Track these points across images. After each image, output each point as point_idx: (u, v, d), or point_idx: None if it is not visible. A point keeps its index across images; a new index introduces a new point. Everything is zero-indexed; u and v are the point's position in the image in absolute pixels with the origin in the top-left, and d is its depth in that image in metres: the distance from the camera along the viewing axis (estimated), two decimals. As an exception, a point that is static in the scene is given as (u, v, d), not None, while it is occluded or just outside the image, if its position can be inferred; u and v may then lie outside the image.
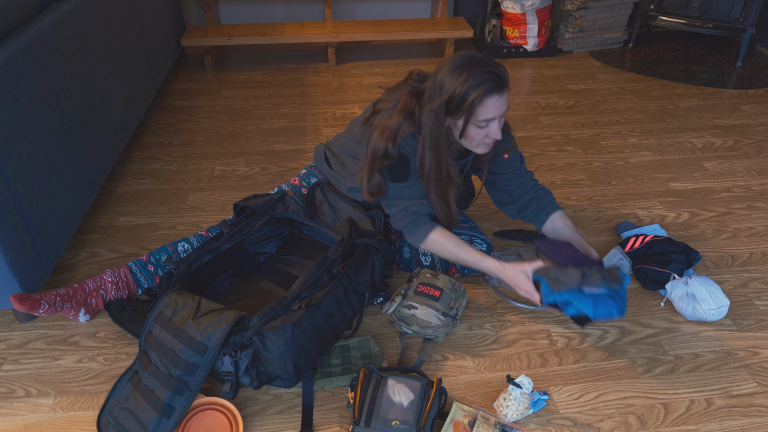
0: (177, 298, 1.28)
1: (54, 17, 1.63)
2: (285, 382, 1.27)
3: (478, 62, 1.29)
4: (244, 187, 2.12)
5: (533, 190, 1.60)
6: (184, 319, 1.23)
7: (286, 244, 1.69)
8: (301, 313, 1.27)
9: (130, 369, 1.28)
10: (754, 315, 1.56)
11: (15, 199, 1.38)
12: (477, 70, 1.27)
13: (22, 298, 1.36)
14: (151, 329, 1.27)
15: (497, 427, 1.23)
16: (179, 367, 1.20)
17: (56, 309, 1.42)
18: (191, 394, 1.19)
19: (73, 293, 1.47)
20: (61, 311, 1.44)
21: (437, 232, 1.48)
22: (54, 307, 1.41)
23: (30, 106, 1.46)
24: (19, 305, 1.35)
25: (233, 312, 1.24)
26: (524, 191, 1.59)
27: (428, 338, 1.45)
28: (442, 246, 1.48)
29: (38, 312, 1.38)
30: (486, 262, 1.46)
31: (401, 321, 1.46)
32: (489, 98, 1.28)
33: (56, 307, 1.42)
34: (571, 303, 1.33)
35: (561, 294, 1.33)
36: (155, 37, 2.63)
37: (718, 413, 1.30)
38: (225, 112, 2.70)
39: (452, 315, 1.44)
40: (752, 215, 1.96)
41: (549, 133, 2.50)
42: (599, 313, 1.31)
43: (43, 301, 1.39)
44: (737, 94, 2.86)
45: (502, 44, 3.30)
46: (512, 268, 1.42)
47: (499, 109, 1.31)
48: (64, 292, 1.45)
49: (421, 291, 1.46)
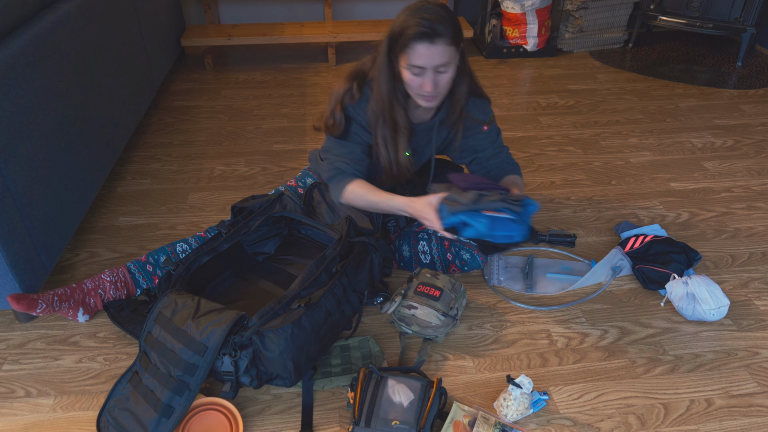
0: (176, 298, 1.28)
1: (54, 17, 1.63)
2: (285, 382, 1.27)
3: (421, 8, 1.29)
4: (244, 187, 2.12)
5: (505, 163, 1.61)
6: (184, 320, 1.23)
7: (285, 244, 1.69)
8: (301, 312, 1.27)
9: (130, 369, 1.28)
10: (754, 315, 1.56)
11: (15, 199, 1.38)
12: (416, 14, 1.28)
13: (19, 297, 1.36)
14: (151, 330, 1.27)
15: (497, 427, 1.22)
16: (179, 367, 1.20)
17: (54, 309, 1.42)
18: (191, 394, 1.19)
19: (71, 293, 1.47)
20: (59, 311, 1.44)
21: (355, 183, 1.48)
22: (52, 306, 1.41)
23: (30, 106, 1.46)
24: (16, 305, 1.36)
25: (233, 312, 1.24)
26: (497, 162, 1.60)
27: (428, 338, 1.45)
28: (358, 195, 1.48)
29: (35, 312, 1.38)
30: (395, 199, 1.44)
31: (401, 321, 1.46)
32: (418, 44, 1.27)
33: (54, 307, 1.42)
34: (468, 224, 1.28)
35: (457, 215, 1.28)
36: (155, 37, 2.63)
37: (718, 413, 1.30)
38: (225, 112, 2.70)
39: (452, 315, 1.44)
40: (752, 215, 1.96)
41: (549, 133, 2.50)
42: (498, 234, 1.26)
43: (41, 301, 1.39)
44: (737, 94, 2.86)
45: (502, 44, 3.30)
46: (419, 200, 1.39)
47: (429, 59, 1.28)
48: (62, 292, 1.45)
49: (421, 291, 1.46)
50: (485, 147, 1.58)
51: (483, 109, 1.55)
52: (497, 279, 1.67)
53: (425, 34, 1.26)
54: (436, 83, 1.33)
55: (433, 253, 1.64)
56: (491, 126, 1.56)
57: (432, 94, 1.36)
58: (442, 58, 1.30)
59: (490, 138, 1.57)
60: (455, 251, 1.62)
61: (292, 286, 1.33)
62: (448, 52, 1.30)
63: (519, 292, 1.64)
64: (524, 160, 2.29)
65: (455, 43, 1.30)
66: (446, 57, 1.30)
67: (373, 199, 1.47)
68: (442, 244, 1.63)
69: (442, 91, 1.37)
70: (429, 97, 1.37)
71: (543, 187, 2.12)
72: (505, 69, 3.19)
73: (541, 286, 1.66)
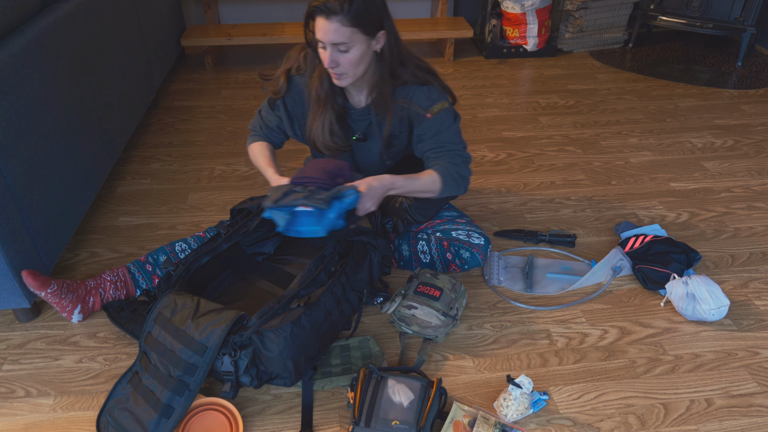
0: (176, 298, 1.28)
1: (54, 17, 1.63)
2: (285, 381, 1.27)
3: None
4: (244, 187, 2.12)
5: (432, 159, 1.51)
6: (184, 320, 1.23)
7: (284, 244, 1.69)
8: (300, 312, 1.27)
9: (130, 370, 1.28)
10: (754, 315, 1.56)
11: (15, 199, 1.38)
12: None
13: (35, 274, 1.40)
14: (151, 330, 1.27)
15: (497, 427, 1.22)
16: (179, 368, 1.20)
17: (61, 294, 1.45)
18: (191, 394, 1.19)
19: (76, 287, 1.50)
20: (63, 300, 1.46)
21: (258, 144, 1.60)
22: (60, 291, 1.45)
23: (30, 106, 1.46)
24: (31, 280, 1.39)
25: (232, 312, 1.24)
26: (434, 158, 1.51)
27: (428, 338, 1.45)
28: (254, 155, 1.59)
29: (46, 290, 1.41)
30: (267, 171, 1.51)
31: (401, 321, 1.46)
32: (317, 17, 1.31)
33: (62, 293, 1.45)
34: (273, 218, 1.33)
35: (266, 210, 1.33)
36: (155, 37, 2.63)
37: (718, 413, 1.30)
38: (225, 112, 2.70)
39: (452, 315, 1.44)
40: (752, 215, 1.96)
41: (549, 133, 2.50)
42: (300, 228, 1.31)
43: (53, 283, 1.43)
44: (737, 94, 2.86)
45: (502, 44, 3.30)
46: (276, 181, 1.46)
47: (325, 34, 1.31)
48: (70, 282, 1.49)
49: (421, 291, 1.46)
50: (426, 138, 1.50)
51: (428, 96, 1.48)
52: (497, 279, 1.67)
53: (321, 10, 1.30)
54: (336, 61, 1.35)
55: (433, 253, 1.64)
56: (436, 116, 1.48)
57: (336, 72, 1.38)
58: (337, 36, 1.31)
59: (432, 129, 1.49)
60: (454, 250, 1.62)
61: (291, 285, 1.33)
62: (345, 32, 1.30)
63: (519, 292, 1.64)
64: (524, 160, 2.29)
65: (357, 25, 1.30)
66: (343, 36, 1.31)
67: (259, 164, 1.56)
68: (441, 244, 1.63)
69: (345, 70, 1.37)
70: (335, 75, 1.39)
71: (543, 187, 2.12)
72: (505, 69, 3.19)
73: (541, 286, 1.66)
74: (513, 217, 1.95)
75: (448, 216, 1.70)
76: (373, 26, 1.33)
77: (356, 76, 1.40)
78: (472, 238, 1.62)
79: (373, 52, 1.39)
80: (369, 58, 1.38)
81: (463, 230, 1.64)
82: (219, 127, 2.56)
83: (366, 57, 1.37)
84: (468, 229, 1.64)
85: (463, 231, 1.64)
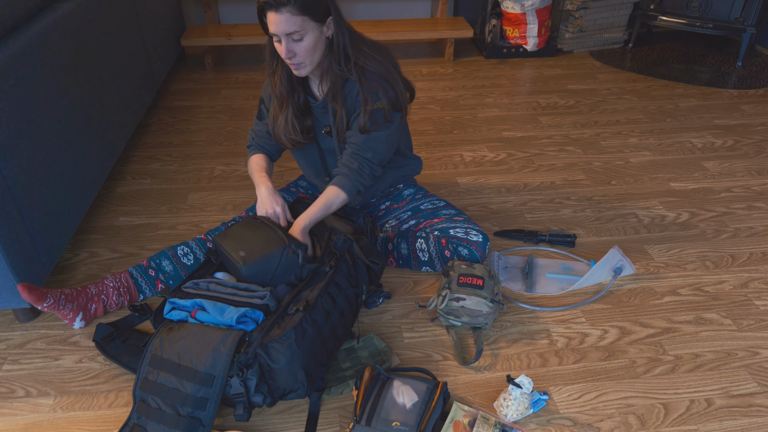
0: (165, 336, 1.24)
1: (54, 17, 1.63)
2: (299, 393, 1.23)
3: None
4: (244, 187, 2.12)
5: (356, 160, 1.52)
6: (180, 353, 1.19)
7: None
8: (300, 316, 1.25)
9: (126, 425, 1.21)
10: (754, 315, 1.56)
11: (15, 199, 1.38)
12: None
13: (30, 288, 1.37)
14: (146, 375, 1.21)
15: (497, 427, 1.22)
16: (187, 404, 1.16)
17: (59, 306, 1.43)
18: (205, 429, 1.16)
19: (76, 295, 1.47)
20: (63, 310, 1.45)
21: (255, 157, 1.66)
22: (58, 303, 1.42)
23: (30, 106, 1.46)
24: (27, 295, 1.36)
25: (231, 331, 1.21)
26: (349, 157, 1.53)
27: (477, 327, 1.47)
28: (250, 167, 1.65)
29: (43, 305, 1.39)
30: (260, 187, 1.55)
31: (449, 315, 1.47)
32: (268, 13, 1.35)
33: (59, 305, 1.43)
34: None
35: None
36: (155, 37, 2.63)
37: (718, 413, 1.30)
38: (225, 112, 2.70)
39: (498, 300, 1.48)
40: (752, 215, 1.96)
41: (549, 133, 2.50)
42: None
43: (50, 296, 1.41)
44: (737, 94, 2.86)
45: (502, 44, 3.30)
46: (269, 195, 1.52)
47: (277, 26, 1.34)
48: (68, 292, 1.46)
49: (464, 282, 1.48)
50: (351, 135, 1.53)
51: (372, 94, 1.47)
52: (497, 279, 1.67)
53: (270, 4, 1.33)
54: (293, 51, 1.38)
55: (431, 251, 1.64)
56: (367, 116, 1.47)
57: (293, 62, 1.41)
58: (289, 26, 1.34)
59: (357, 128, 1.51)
60: (453, 248, 1.62)
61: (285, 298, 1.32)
62: (296, 21, 1.34)
63: (519, 292, 1.64)
64: (524, 160, 2.29)
65: (306, 13, 1.34)
66: (295, 25, 1.34)
67: (253, 175, 1.61)
68: (439, 242, 1.63)
69: (301, 60, 1.40)
70: (293, 65, 1.43)
71: (543, 187, 2.12)
72: (505, 69, 3.19)
73: (540, 286, 1.66)
74: (513, 217, 1.95)
75: (446, 214, 1.70)
76: (322, 12, 1.38)
77: (314, 64, 1.43)
78: (470, 235, 1.62)
79: (326, 38, 1.43)
80: (323, 44, 1.42)
81: (461, 228, 1.64)
82: (219, 127, 2.56)
83: (320, 43, 1.41)
84: (466, 227, 1.65)
85: (461, 228, 1.64)
